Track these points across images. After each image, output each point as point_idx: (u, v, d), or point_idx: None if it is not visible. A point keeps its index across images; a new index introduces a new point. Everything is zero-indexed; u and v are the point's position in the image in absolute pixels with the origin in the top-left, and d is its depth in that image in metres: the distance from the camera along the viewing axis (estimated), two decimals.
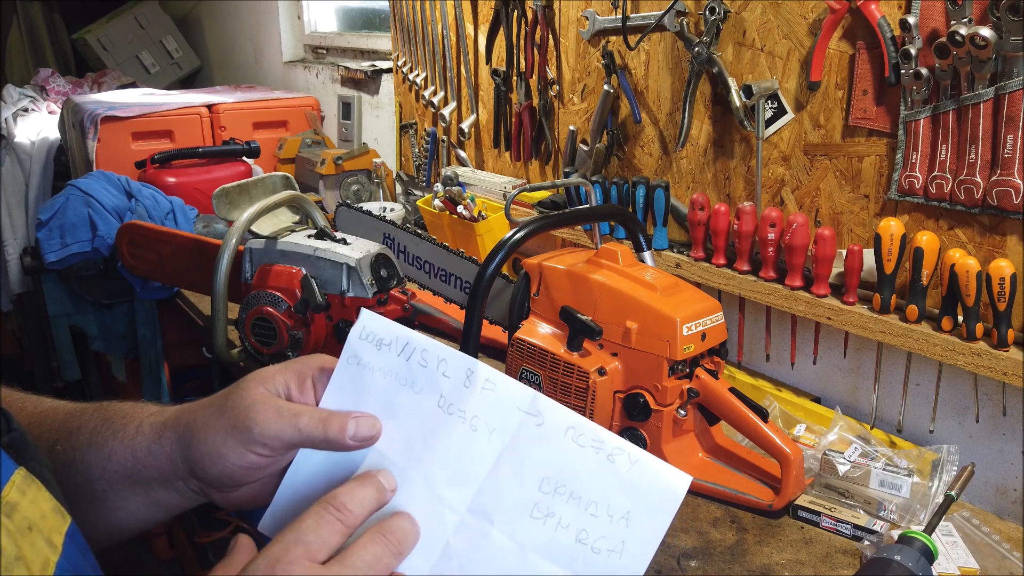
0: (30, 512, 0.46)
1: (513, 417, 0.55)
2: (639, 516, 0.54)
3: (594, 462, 0.54)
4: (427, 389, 0.56)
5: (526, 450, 0.54)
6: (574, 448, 0.54)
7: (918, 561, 0.88)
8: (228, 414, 0.55)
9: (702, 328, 1.12)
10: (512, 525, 0.53)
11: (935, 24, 1.15)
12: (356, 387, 0.57)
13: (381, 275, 1.48)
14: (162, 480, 0.59)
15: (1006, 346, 1.12)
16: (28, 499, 0.46)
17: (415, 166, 2.54)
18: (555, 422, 0.55)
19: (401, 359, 0.57)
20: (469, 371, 0.56)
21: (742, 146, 1.49)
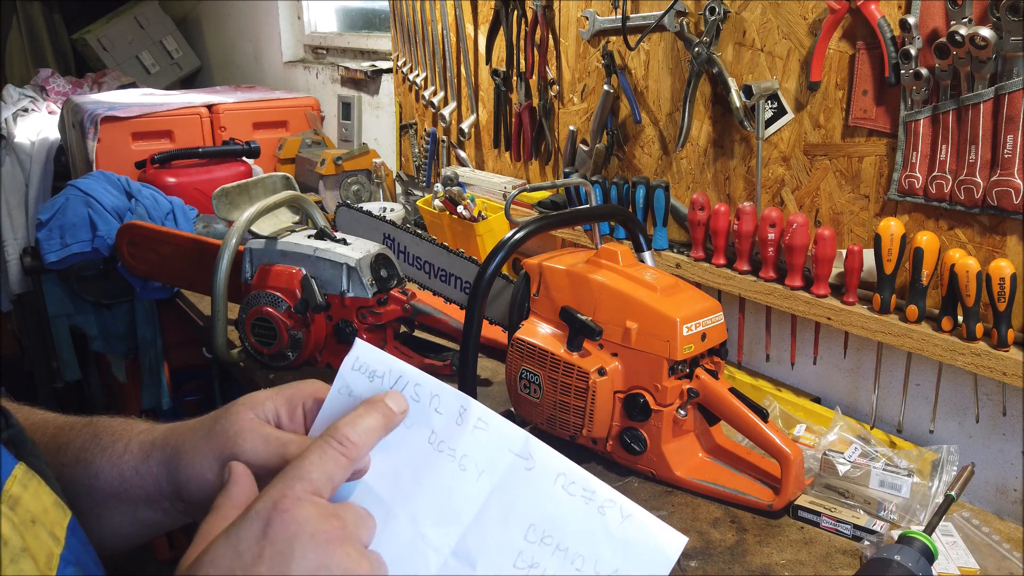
0: (32, 506, 0.46)
1: (504, 459, 0.53)
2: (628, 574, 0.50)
3: (583, 513, 0.52)
4: (418, 424, 0.54)
5: (515, 494, 0.52)
6: (564, 496, 0.52)
7: (918, 561, 0.88)
8: (216, 439, 0.55)
9: (702, 328, 1.12)
10: (495, 573, 0.51)
11: (935, 24, 1.15)
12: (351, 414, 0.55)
13: (381, 275, 1.48)
14: (148, 500, 0.59)
15: (1006, 346, 1.12)
16: (30, 493, 0.46)
17: (415, 166, 2.54)
18: (546, 467, 0.53)
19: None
20: (462, 408, 0.54)
21: (742, 146, 1.49)
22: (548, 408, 1.19)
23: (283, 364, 1.50)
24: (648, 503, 1.12)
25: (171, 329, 2.44)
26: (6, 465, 0.45)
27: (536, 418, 1.23)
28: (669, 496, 1.14)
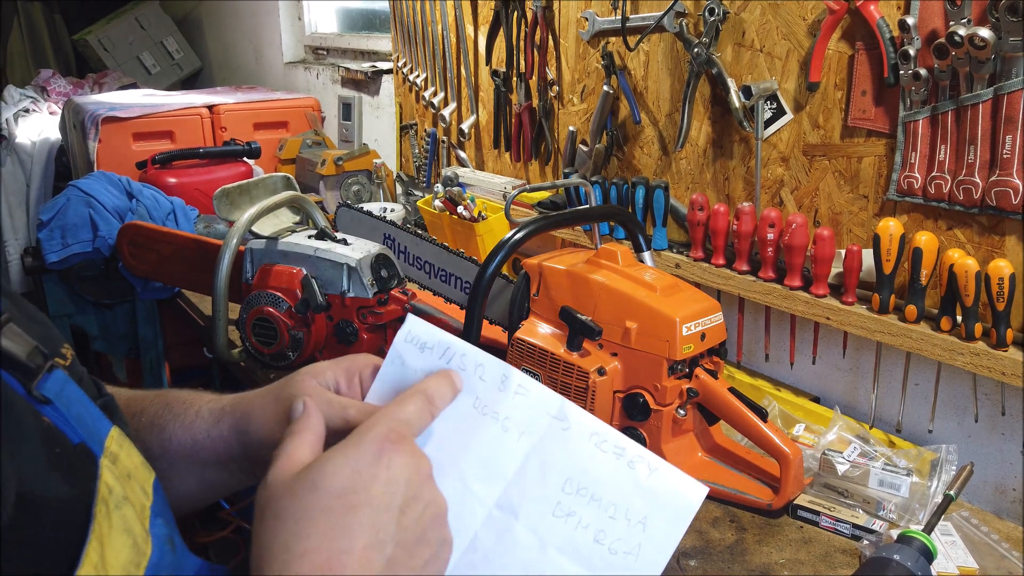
0: (127, 463, 0.50)
1: (542, 421, 0.58)
2: (656, 522, 0.55)
3: (615, 467, 0.57)
4: (464, 391, 0.59)
5: (552, 452, 0.57)
6: (597, 453, 0.57)
7: (917, 560, 0.88)
8: (283, 403, 0.59)
9: (701, 328, 1.12)
10: (535, 521, 0.56)
11: (934, 25, 1.15)
12: (399, 385, 0.60)
13: (381, 275, 1.48)
14: (217, 462, 0.63)
15: (1005, 346, 1.13)
16: (125, 452, 0.51)
17: (415, 167, 2.54)
18: (580, 427, 0.58)
19: (442, 362, 0.60)
20: (504, 376, 0.59)
21: (741, 147, 1.49)
22: None
23: (284, 364, 1.50)
24: None
25: (172, 329, 2.44)
26: (105, 426, 0.50)
27: None
28: None
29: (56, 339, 0.51)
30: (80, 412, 0.48)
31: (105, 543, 0.44)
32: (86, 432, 0.48)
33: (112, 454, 0.49)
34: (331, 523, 0.47)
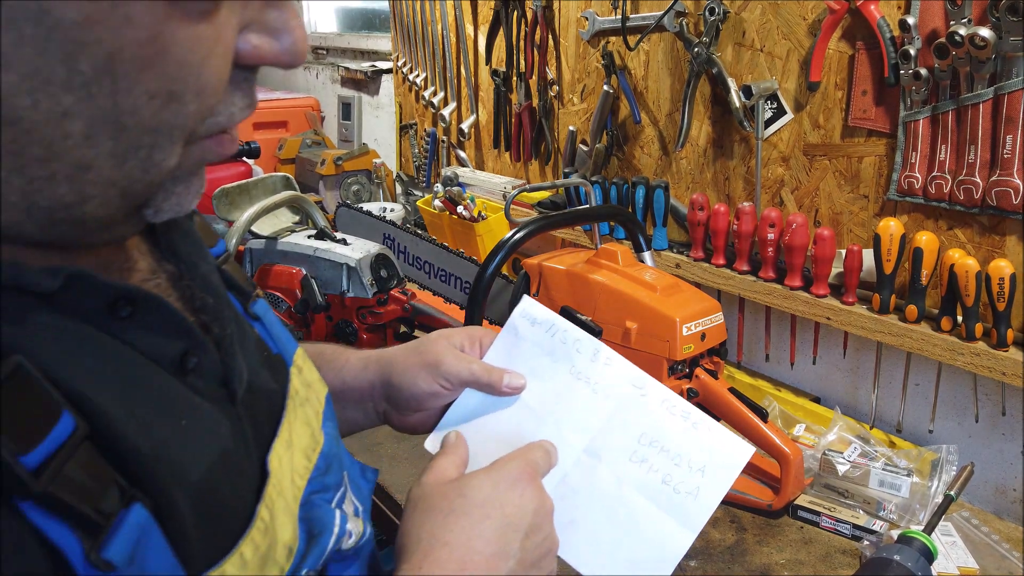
0: (308, 376, 0.62)
1: (624, 388, 0.72)
2: (712, 470, 0.68)
3: (681, 427, 0.70)
4: (563, 359, 0.74)
5: (631, 411, 0.71)
6: (667, 415, 0.70)
7: (917, 561, 0.88)
8: (423, 356, 0.72)
9: (702, 328, 1.12)
10: (615, 465, 0.69)
11: (934, 24, 1.15)
12: (512, 351, 0.74)
13: (381, 275, 1.48)
14: (358, 401, 0.76)
15: (1005, 346, 1.12)
16: (307, 367, 0.63)
17: (415, 166, 2.54)
18: (655, 394, 0.71)
19: (547, 335, 0.75)
20: (595, 350, 0.74)
21: (741, 146, 1.49)
22: None
23: None
24: None
25: None
26: (293, 346, 0.62)
27: None
28: None
29: (252, 282, 0.64)
30: (278, 331, 0.61)
31: (292, 428, 0.55)
32: (281, 346, 0.60)
33: (298, 366, 0.61)
34: (470, 525, 0.57)
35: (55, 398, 0.37)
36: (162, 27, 0.37)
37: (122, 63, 0.36)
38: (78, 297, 0.41)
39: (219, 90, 0.41)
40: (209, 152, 0.44)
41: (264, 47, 0.42)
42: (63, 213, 0.39)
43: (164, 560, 0.39)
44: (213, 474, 0.44)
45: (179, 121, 0.40)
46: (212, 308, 0.51)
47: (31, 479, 0.34)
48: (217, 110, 0.42)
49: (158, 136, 0.39)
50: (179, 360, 0.46)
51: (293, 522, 0.50)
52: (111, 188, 0.40)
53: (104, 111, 0.37)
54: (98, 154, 0.38)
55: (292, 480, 0.52)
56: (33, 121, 0.36)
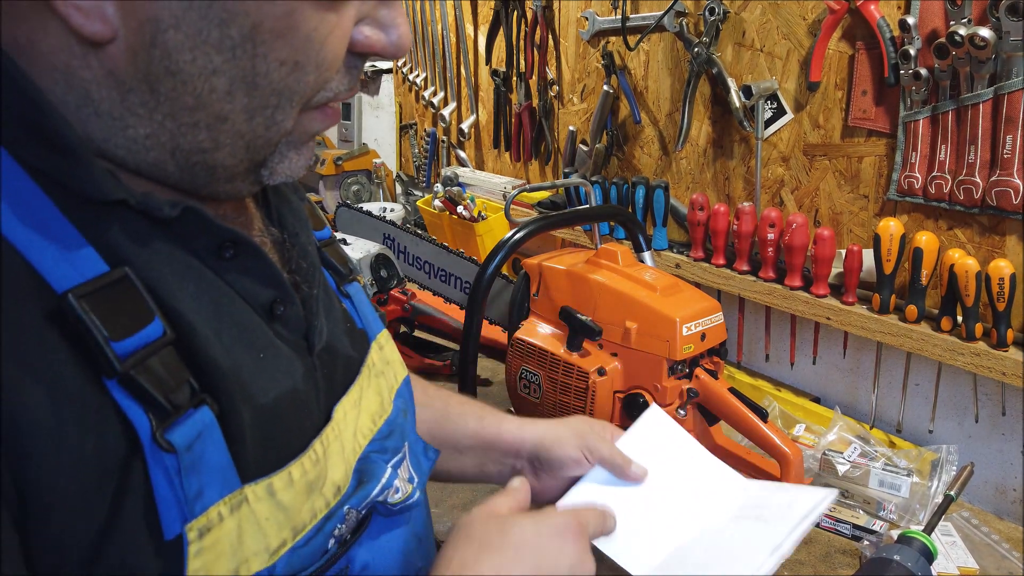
0: (389, 355, 0.69)
1: (739, 496, 0.82)
2: (800, 500, 0.76)
3: (775, 497, 0.80)
4: (679, 463, 0.85)
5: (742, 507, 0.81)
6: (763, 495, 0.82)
7: (917, 561, 0.88)
8: (573, 428, 0.81)
9: (702, 328, 1.12)
10: (721, 523, 0.78)
11: (934, 25, 1.15)
12: (637, 449, 0.83)
13: (381, 275, 1.48)
14: (503, 454, 0.82)
15: (1005, 346, 1.12)
16: (388, 347, 0.70)
17: (415, 166, 2.54)
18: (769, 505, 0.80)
19: (667, 445, 0.86)
20: (708, 463, 0.86)
21: (741, 146, 1.49)
22: (548, 408, 1.19)
23: None
24: None
25: None
26: (379, 327, 0.69)
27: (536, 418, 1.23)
28: None
29: (355, 269, 0.72)
30: (366, 311, 0.68)
31: (363, 393, 0.61)
32: (366, 324, 0.67)
33: (380, 344, 0.67)
34: (501, 563, 0.59)
35: (150, 306, 0.44)
36: (296, 6, 0.45)
37: (262, 32, 0.44)
38: (193, 232, 0.49)
39: (334, 67, 0.49)
40: (316, 121, 0.52)
41: (374, 38, 0.50)
42: (199, 157, 0.48)
43: (220, 457, 0.45)
44: (280, 404, 0.50)
45: (299, 88, 0.48)
46: (304, 271, 0.58)
47: (117, 361, 0.42)
48: (328, 86, 0.50)
49: (281, 98, 0.47)
50: (268, 306, 0.53)
51: (347, 468, 0.55)
52: (239, 140, 0.48)
53: (243, 72, 0.45)
54: (234, 108, 0.46)
55: (355, 435, 0.58)
56: (189, 74, 0.44)
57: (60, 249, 0.43)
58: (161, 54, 0.43)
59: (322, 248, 0.67)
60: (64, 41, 0.43)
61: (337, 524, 0.53)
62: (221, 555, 0.45)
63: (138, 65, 0.44)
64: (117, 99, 0.45)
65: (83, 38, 0.42)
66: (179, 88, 0.45)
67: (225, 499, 0.45)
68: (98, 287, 0.42)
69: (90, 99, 0.45)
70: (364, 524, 0.56)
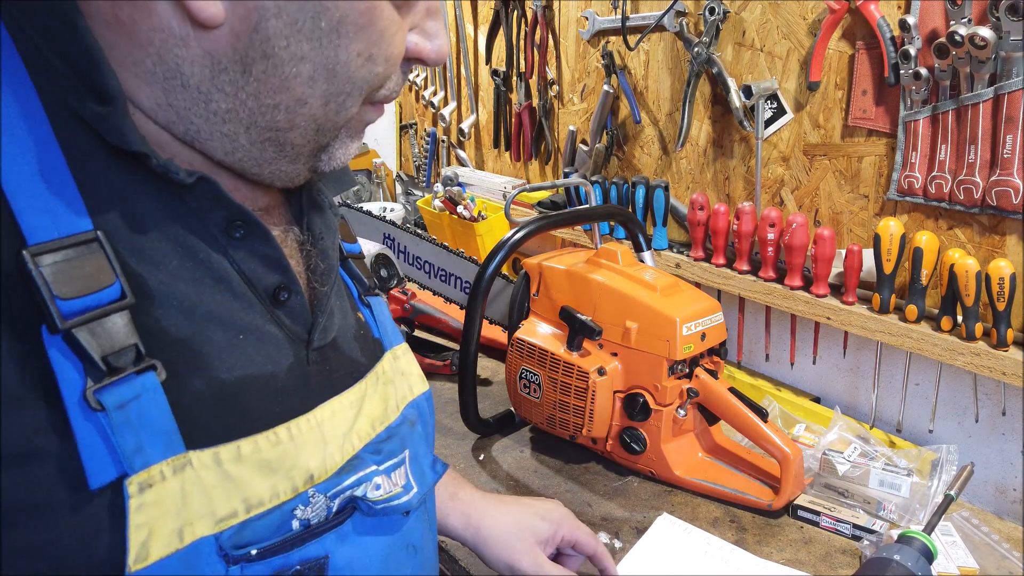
0: (405, 366, 0.70)
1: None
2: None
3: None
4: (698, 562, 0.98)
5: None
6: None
7: (917, 561, 0.88)
8: (502, 552, 0.88)
9: (702, 328, 1.12)
10: None
11: (934, 24, 1.15)
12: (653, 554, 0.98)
13: (381, 275, 1.48)
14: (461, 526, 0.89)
15: (1005, 346, 1.12)
16: (407, 359, 0.71)
17: (415, 166, 2.54)
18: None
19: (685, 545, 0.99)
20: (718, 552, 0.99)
21: (742, 146, 1.49)
22: (548, 408, 1.19)
23: None
24: (648, 503, 1.12)
25: None
26: (397, 339, 0.71)
27: (536, 418, 1.23)
28: (669, 495, 1.14)
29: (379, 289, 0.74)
30: (384, 322, 0.70)
31: (366, 397, 0.62)
32: (383, 334, 0.69)
33: (396, 354, 0.69)
34: None
35: (114, 270, 0.46)
36: (376, 4, 0.49)
37: (346, 25, 0.49)
38: (205, 205, 0.51)
39: (396, 64, 0.54)
40: (371, 113, 0.56)
41: (421, 45, 0.55)
42: (271, 134, 0.52)
43: (164, 420, 0.47)
44: (245, 383, 0.52)
45: (369, 79, 0.52)
46: (320, 271, 0.60)
47: (59, 318, 0.43)
48: (387, 84, 0.54)
49: (354, 87, 0.52)
50: (273, 291, 0.55)
51: (327, 460, 0.56)
52: (312, 122, 0.52)
53: (327, 60, 0.49)
54: (313, 93, 0.50)
55: (348, 434, 0.59)
56: (281, 59, 0.48)
57: (48, 202, 0.45)
58: (261, 39, 0.47)
59: (349, 259, 0.70)
60: (166, 22, 0.46)
61: (299, 504, 0.54)
62: (165, 513, 0.46)
63: (237, 47, 0.47)
64: (208, 76, 0.48)
65: (197, 21, 0.46)
66: (269, 71, 0.48)
67: (168, 460, 0.47)
68: (65, 245, 0.44)
69: (180, 73, 0.48)
70: (342, 517, 0.57)
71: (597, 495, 1.14)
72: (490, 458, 1.23)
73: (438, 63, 0.56)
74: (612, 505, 1.12)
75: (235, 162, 0.53)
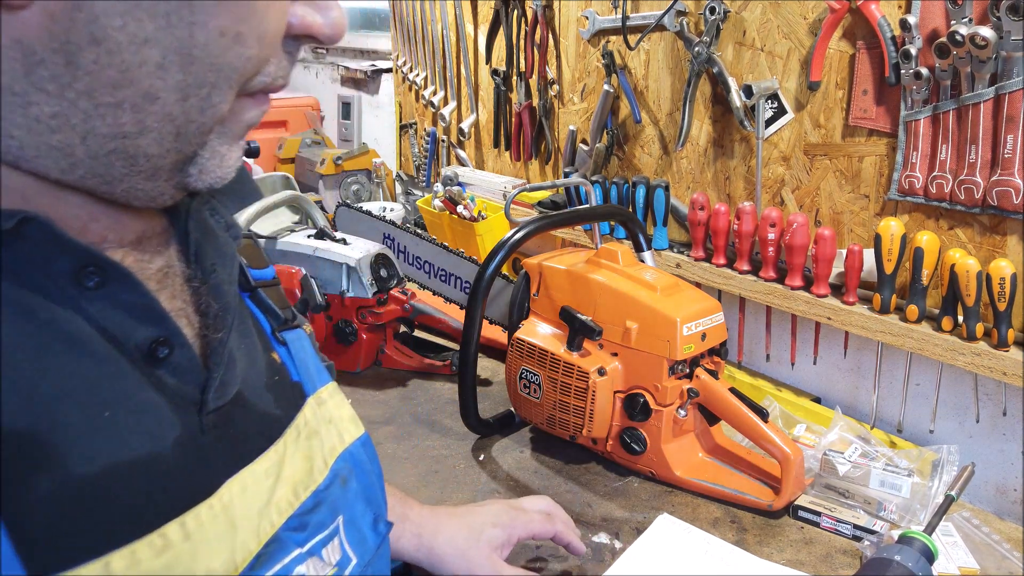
0: (333, 411, 0.60)
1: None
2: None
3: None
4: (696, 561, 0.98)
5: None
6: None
7: (918, 561, 0.88)
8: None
9: (702, 328, 1.12)
10: None
11: (935, 24, 1.15)
12: (651, 552, 0.98)
13: (381, 275, 1.48)
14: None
15: (1006, 346, 1.12)
16: (334, 402, 0.61)
17: (415, 166, 2.54)
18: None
19: (685, 544, 1.00)
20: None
21: (742, 146, 1.49)
22: (548, 408, 1.19)
23: None
24: (648, 503, 1.12)
25: None
26: (323, 380, 0.61)
27: (536, 418, 1.23)
28: (669, 496, 1.14)
29: (302, 320, 0.65)
30: (305, 360, 0.61)
31: (286, 459, 0.53)
32: (305, 376, 0.60)
33: (321, 399, 0.59)
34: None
35: None
36: None
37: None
38: (42, 252, 0.41)
39: (274, 44, 0.44)
40: (250, 109, 0.46)
41: (309, 18, 0.45)
42: (117, 143, 0.41)
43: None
44: (116, 473, 0.41)
45: (239, 64, 0.42)
46: (214, 313, 0.50)
47: None
48: (266, 69, 0.45)
49: (220, 75, 0.42)
50: (148, 348, 0.44)
51: (236, 555, 0.45)
52: (169, 124, 0.42)
53: (180, 42, 0.39)
54: (166, 85, 0.40)
55: (263, 511, 0.49)
56: (117, 42, 0.38)
57: None
58: (86, 19, 0.37)
59: (260, 289, 0.60)
60: None
61: None
62: None
63: (55, 32, 0.37)
64: (20, 72, 0.37)
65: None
66: (103, 60, 0.38)
67: None
68: None
69: None
70: None
71: (597, 495, 1.14)
72: (490, 458, 1.23)
73: (333, 39, 0.47)
74: (612, 505, 1.11)
75: (77, 181, 0.42)
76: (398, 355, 1.53)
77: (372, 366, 1.54)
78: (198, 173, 0.45)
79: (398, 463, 1.22)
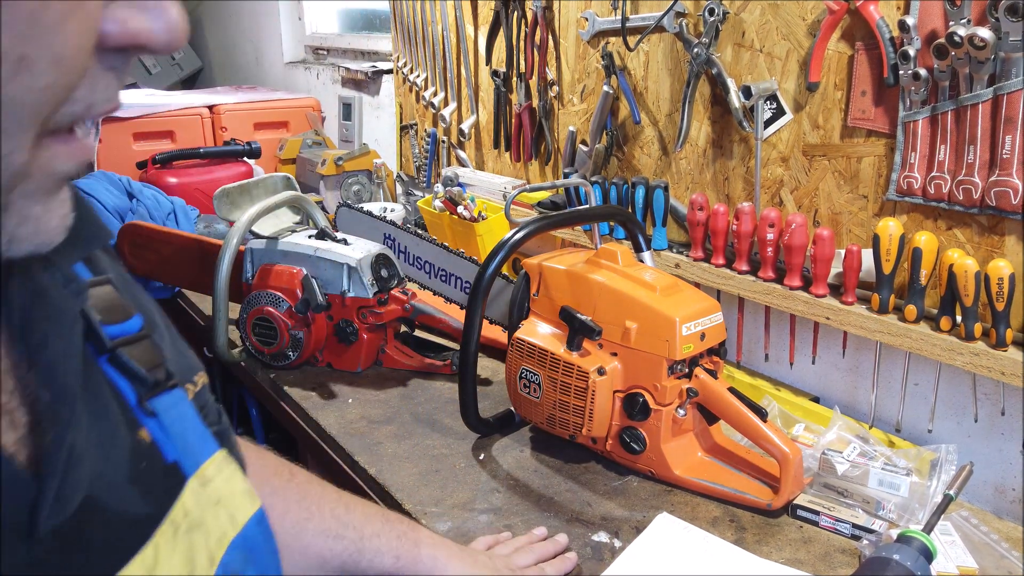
0: (222, 488, 0.50)
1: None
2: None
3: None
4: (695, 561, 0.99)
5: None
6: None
7: (917, 560, 0.88)
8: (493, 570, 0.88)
9: (701, 328, 1.12)
10: None
11: (934, 25, 1.15)
12: (650, 552, 0.99)
13: (382, 275, 1.48)
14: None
15: (1004, 346, 1.13)
16: (223, 477, 0.50)
17: (415, 167, 2.54)
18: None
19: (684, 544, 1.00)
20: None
21: (741, 147, 1.49)
22: (548, 407, 1.20)
23: (284, 363, 1.50)
24: (647, 502, 1.13)
25: None
26: (209, 450, 0.50)
27: (536, 417, 1.23)
28: (668, 495, 1.14)
29: (192, 368, 0.53)
30: (184, 430, 0.49)
31: (160, 563, 0.43)
32: (184, 451, 0.48)
33: (205, 477, 0.49)
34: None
35: None
36: None
37: None
38: None
39: (79, 65, 0.33)
40: (58, 156, 0.35)
41: (133, 23, 0.35)
42: None
43: None
44: None
45: (30, 98, 0.32)
46: (46, 406, 0.39)
47: None
48: (75, 95, 0.34)
49: (9, 117, 0.31)
50: None
51: None
52: None
53: None
54: None
55: None
56: None
57: None
58: None
59: (120, 349, 0.46)
60: None
61: None
62: None
63: None
64: None
65: None
66: None
67: None
68: None
69: None
70: None
71: (597, 495, 1.14)
72: (490, 458, 1.24)
73: (171, 47, 0.36)
74: (612, 504, 1.12)
75: None
76: (399, 355, 1.53)
77: (373, 366, 1.55)
78: (7, 243, 0.35)
79: (398, 462, 1.22)
